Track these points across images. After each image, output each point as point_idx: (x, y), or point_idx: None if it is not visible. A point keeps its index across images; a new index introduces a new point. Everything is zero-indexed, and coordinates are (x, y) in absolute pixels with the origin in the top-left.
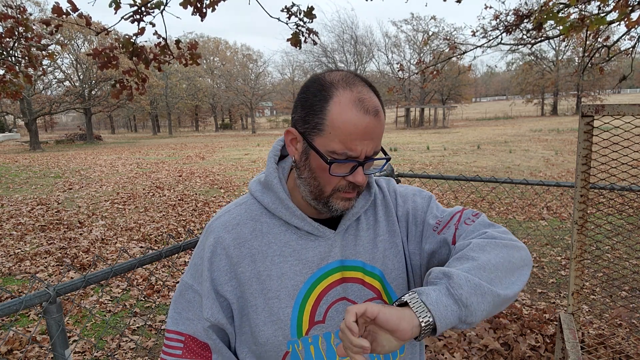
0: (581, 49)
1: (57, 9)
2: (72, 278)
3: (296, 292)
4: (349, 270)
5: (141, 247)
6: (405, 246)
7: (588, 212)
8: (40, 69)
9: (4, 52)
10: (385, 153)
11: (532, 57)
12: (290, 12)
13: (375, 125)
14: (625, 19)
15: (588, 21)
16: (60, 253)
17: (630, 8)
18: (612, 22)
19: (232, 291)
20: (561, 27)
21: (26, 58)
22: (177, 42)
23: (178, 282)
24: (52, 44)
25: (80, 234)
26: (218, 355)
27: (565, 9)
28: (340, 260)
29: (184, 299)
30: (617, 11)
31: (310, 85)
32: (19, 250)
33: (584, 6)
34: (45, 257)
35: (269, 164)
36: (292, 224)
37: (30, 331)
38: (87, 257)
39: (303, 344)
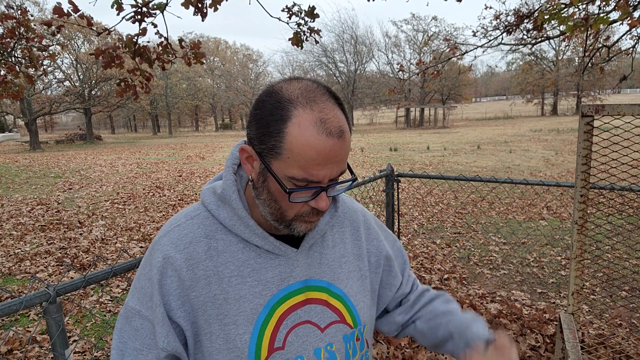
0: (581, 49)
1: (58, 10)
2: (72, 278)
3: (255, 316)
4: (313, 291)
5: (141, 247)
6: (368, 274)
7: (588, 212)
8: (41, 69)
9: (5, 53)
10: (351, 172)
11: (532, 57)
12: (291, 12)
13: (339, 147)
14: (628, 18)
15: (592, 21)
16: (60, 253)
17: (632, 7)
18: (614, 21)
19: (185, 317)
20: (563, 27)
21: (27, 58)
22: (180, 41)
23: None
24: (53, 44)
25: (80, 234)
26: None
27: (566, 9)
28: (304, 281)
29: (130, 326)
30: (618, 11)
31: (266, 100)
32: (19, 250)
33: (585, 6)
34: (45, 257)
35: (226, 174)
36: (252, 242)
37: (30, 331)
38: (87, 257)
39: None
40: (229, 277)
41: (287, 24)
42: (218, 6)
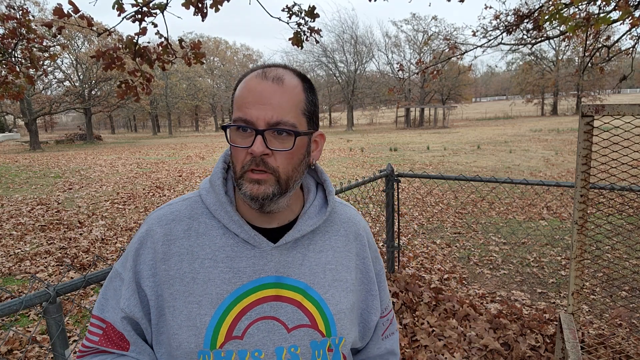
0: (581, 49)
1: (58, 11)
2: (72, 278)
3: (219, 301)
4: (286, 290)
5: None
6: (353, 289)
7: (588, 212)
8: (41, 69)
9: (6, 53)
10: (297, 132)
11: (532, 57)
12: (291, 12)
13: (273, 90)
14: (630, 18)
15: (593, 20)
16: (60, 253)
17: (632, 7)
18: (615, 20)
19: (152, 287)
20: (563, 27)
21: (27, 59)
22: (181, 41)
23: None
24: (54, 45)
25: (80, 234)
26: (135, 347)
27: (566, 9)
28: (276, 277)
29: (112, 285)
30: (618, 10)
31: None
32: (19, 250)
33: (585, 6)
34: (45, 257)
35: (217, 163)
36: (230, 229)
37: (30, 331)
38: (87, 257)
39: (215, 357)
40: (202, 259)
41: (287, 24)
42: (219, 6)
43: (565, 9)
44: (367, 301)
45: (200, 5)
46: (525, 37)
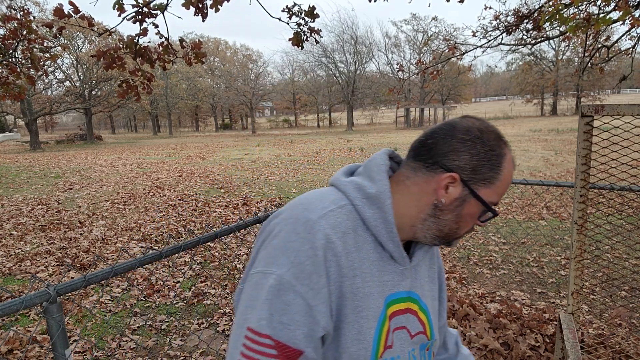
0: (581, 49)
1: (59, 12)
2: (72, 278)
3: (378, 313)
4: (413, 303)
5: (141, 247)
6: (436, 296)
7: (588, 212)
8: (42, 69)
9: (7, 54)
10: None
11: (532, 57)
12: (291, 12)
13: None
14: (630, 18)
15: (593, 21)
16: (61, 253)
17: (632, 7)
18: (616, 21)
19: (335, 302)
20: (564, 27)
21: (28, 59)
22: (181, 41)
23: (253, 273)
24: (55, 45)
25: (81, 234)
26: None
27: (566, 9)
28: (408, 291)
29: (281, 300)
30: (618, 10)
31: (487, 135)
32: (20, 250)
33: (585, 6)
34: (46, 257)
35: (381, 179)
36: (384, 245)
37: (30, 331)
38: (87, 257)
39: None
40: (364, 274)
41: (287, 24)
42: (219, 7)
43: (565, 10)
44: (441, 307)
45: (200, 5)
46: (525, 37)
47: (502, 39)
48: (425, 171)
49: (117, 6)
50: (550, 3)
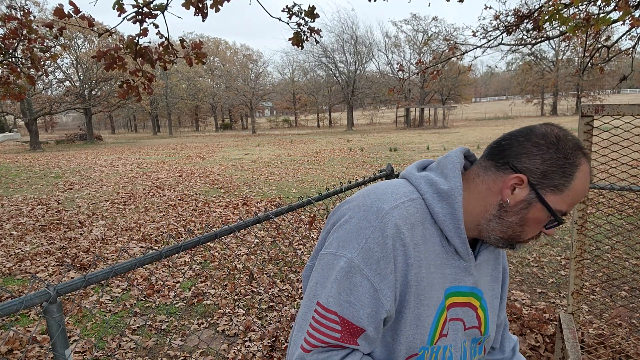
0: (581, 49)
1: (59, 12)
2: (72, 278)
3: (438, 303)
4: (475, 299)
5: (141, 247)
6: (498, 295)
7: (588, 212)
8: (42, 69)
9: (7, 54)
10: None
11: (532, 58)
12: (291, 12)
13: None
14: (630, 18)
15: (593, 21)
16: (61, 253)
17: (632, 7)
18: (616, 21)
19: (400, 289)
20: (564, 27)
21: (28, 59)
22: (182, 41)
23: (331, 255)
24: (56, 45)
25: (81, 234)
26: (365, 342)
27: (566, 9)
28: (472, 287)
29: (350, 281)
30: (618, 11)
31: (564, 143)
32: (19, 250)
33: (585, 6)
34: (46, 257)
35: (454, 176)
36: (450, 240)
37: (30, 331)
38: (87, 257)
39: (431, 351)
40: (428, 265)
41: (287, 24)
42: (220, 6)
43: (565, 10)
44: (501, 305)
45: (200, 5)
46: (525, 37)
47: (502, 39)
48: (495, 170)
49: (117, 6)
50: (550, 3)
